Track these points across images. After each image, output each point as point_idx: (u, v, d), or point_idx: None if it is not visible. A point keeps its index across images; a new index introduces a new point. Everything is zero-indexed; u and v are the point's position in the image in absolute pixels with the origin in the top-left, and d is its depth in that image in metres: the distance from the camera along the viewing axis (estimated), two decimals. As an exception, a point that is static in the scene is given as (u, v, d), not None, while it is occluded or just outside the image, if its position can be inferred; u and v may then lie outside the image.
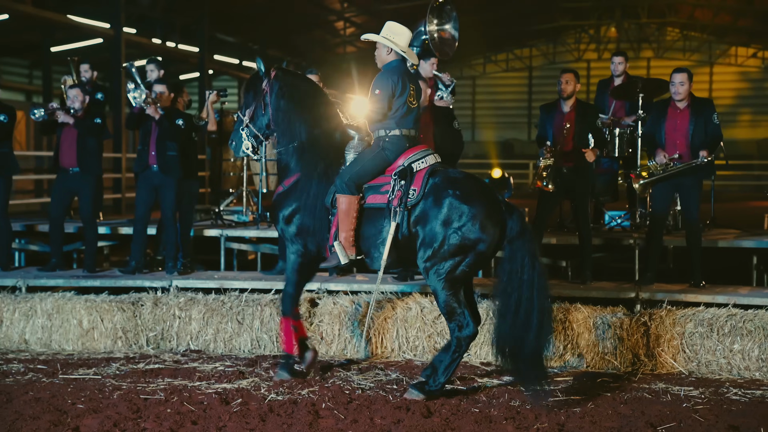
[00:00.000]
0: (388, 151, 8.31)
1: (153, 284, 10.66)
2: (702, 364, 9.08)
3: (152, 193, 11.18)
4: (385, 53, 8.42)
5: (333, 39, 36.12)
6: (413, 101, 8.39)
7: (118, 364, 9.27)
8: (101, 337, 10.08)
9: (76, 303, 10.17)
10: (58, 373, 8.90)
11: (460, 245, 7.93)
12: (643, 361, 9.21)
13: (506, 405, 7.82)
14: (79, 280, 10.94)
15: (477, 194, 8.04)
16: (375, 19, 34.60)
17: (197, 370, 9.03)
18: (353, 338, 9.72)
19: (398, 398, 7.97)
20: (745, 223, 13.68)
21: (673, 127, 10.26)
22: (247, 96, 8.84)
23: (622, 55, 12.85)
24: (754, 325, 8.98)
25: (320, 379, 8.65)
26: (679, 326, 9.14)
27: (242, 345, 9.90)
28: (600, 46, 44.88)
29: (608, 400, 8.03)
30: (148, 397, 7.98)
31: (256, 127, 8.76)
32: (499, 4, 34.14)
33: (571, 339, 9.34)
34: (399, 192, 8.12)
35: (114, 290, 10.72)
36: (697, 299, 9.69)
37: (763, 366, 8.93)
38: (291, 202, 8.59)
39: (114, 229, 12.36)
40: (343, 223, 8.26)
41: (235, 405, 7.74)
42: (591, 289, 10.17)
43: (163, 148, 11.04)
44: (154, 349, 10.04)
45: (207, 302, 10.06)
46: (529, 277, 7.85)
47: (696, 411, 7.67)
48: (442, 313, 8.18)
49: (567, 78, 10.59)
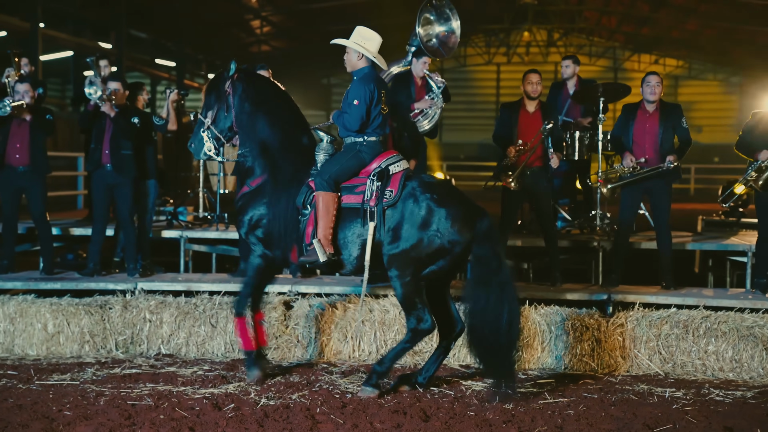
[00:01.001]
0: (365, 154, 8.36)
1: (117, 287, 10.40)
2: (677, 365, 9.25)
3: (107, 192, 10.88)
4: (355, 58, 8.43)
5: (248, 38, 35.83)
6: (385, 108, 8.46)
7: (93, 369, 9.01)
8: (67, 341, 9.79)
9: (40, 306, 9.85)
10: (33, 378, 8.62)
11: (439, 248, 8.04)
12: (620, 363, 9.34)
13: (500, 408, 7.83)
14: (38, 283, 10.58)
15: (452, 198, 8.18)
16: (292, 19, 34.54)
17: (177, 374, 8.85)
18: (330, 341, 9.63)
19: (392, 402, 7.93)
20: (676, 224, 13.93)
21: (642, 130, 10.40)
22: (209, 98, 8.72)
23: (571, 58, 12.97)
24: (728, 327, 9.19)
25: (306, 383, 8.56)
26: (655, 328, 9.30)
27: (215, 349, 9.72)
28: (510, 50, 45.39)
29: (597, 402, 8.10)
30: (136, 402, 7.79)
31: (217, 129, 8.65)
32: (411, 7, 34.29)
33: (550, 341, 9.41)
34: (376, 193, 8.14)
35: (75, 293, 10.42)
36: (668, 301, 9.85)
37: (736, 367, 9.14)
38: (258, 204, 8.52)
39: (64, 230, 12.00)
40: (322, 221, 8.23)
41: (229, 410, 7.61)
42: (563, 291, 10.25)
43: (117, 146, 10.74)
44: (123, 353, 9.79)
45: (179, 305, 9.85)
46: (497, 279, 7.96)
47: (686, 412, 7.78)
48: (401, 305, 8.26)
49: (536, 78, 10.68)
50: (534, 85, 10.66)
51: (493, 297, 7.92)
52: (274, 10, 32.26)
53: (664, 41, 42.33)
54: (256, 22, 33.58)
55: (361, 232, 8.23)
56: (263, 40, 35.85)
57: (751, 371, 9.09)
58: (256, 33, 34.81)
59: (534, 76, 10.72)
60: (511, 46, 45.22)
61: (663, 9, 36.31)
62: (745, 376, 9.07)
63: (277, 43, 37.21)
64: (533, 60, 46.20)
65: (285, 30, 35.85)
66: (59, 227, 11.89)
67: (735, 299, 9.84)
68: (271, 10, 32.09)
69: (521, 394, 8.31)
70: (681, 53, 44.69)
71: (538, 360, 9.43)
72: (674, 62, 46.02)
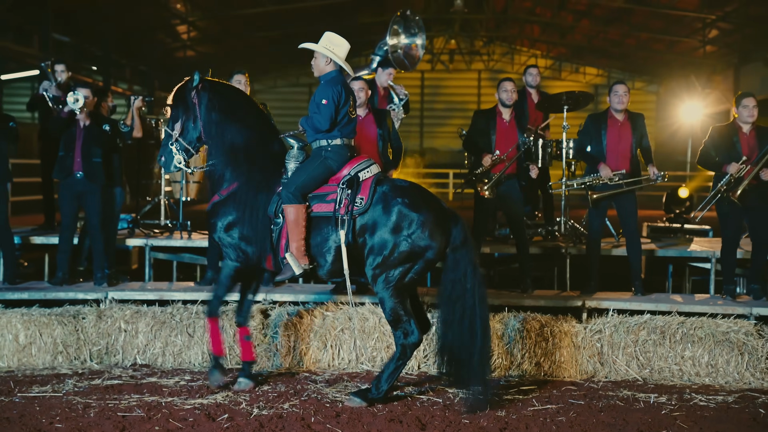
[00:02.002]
0: (332, 161, 8.34)
1: (87, 296, 10.20)
2: (655, 371, 9.37)
3: (76, 200, 10.66)
4: (323, 63, 8.43)
5: (174, 43, 35.42)
6: (353, 111, 8.49)
7: (72, 380, 8.84)
8: (40, 352, 9.57)
9: (11, 317, 9.61)
10: (13, 390, 8.42)
11: (410, 252, 8.02)
12: (598, 369, 9.45)
13: (493, 416, 7.87)
14: (4, 293, 10.31)
15: (425, 202, 8.17)
16: (219, 24, 34.24)
17: (160, 385, 8.72)
18: (309, 350, 9.57)
19: (384, 411, 7.92)
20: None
21: (616, 140, 10.48)
22: (176, 110, 8.61)
23: (537, 67, 13.11)
24: (704, 332, 9.35)
25: (294, 392, 8.51)
26: (633, 334, 9.42)
27: (193, 358, 9.59)
28: (433, 58, 45.61)
29: (585, 409, 8.19)
30: (127, 414, 7.68)
31: (186, 141, 8.56)
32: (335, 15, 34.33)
33: (529, 348, 9.46)
34: (346, 201, 8.14)
35: (43, 303, 10.20)
36: (641, 307, 9.99)
37: (712, 371, 9.30)
38: (230, 211, 8.45)
39: (24, 239, 11.72)
40: (292, 234, 8.20)
41: (223, 421, 7.55)
42: (537, 298, 10.33)
43: (89, 154, 10.55)
44: (98, 364, 9.60)
45: (155, 314, 9.70)
46: (471, 286, 8.02)
47: (675, 418, 7.90)
48: (387, 321, 8.22)
49: (511, 86, 10.75)
50: (509, 92, 10.72)
51: (468, 304, 7.97)
52: (201, 16, 31.96)
53: (585, 50, 42.92)
54: (182, 27, 33.21)
55: (335, 239, 8.20)
56: (189, 45, 35.49)
57: (727, 376, 9.25)
58: (182, 38, 34.43)
59: (509, 84, 10.78)
60: (435, 53, 45.41)
61: (585, 19, 36.83)
62: (721, 381, 9.23)
63: (202, 49, 36.81)
64: (457, 68, 46.58)
65: (211, 35, 35.51)
66: (19, 236, 11.60)
67: (706, 305, 10.01)
68: (198, 15, 31.78)
69: (508, 401, 8.38)
70: (601, 62, 45.34)
71: (519, 366, 9.47)
72: (594, 71, 46.70)
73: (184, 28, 33.85)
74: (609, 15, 35.07)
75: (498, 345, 9.44)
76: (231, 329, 9.52)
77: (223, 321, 9.32)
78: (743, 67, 35.38)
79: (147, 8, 30.42)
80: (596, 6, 33.83)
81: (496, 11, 38.15)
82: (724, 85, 37.08)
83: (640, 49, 39.22)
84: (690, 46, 36.58)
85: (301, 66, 43.82)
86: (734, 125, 10.43)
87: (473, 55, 46.27)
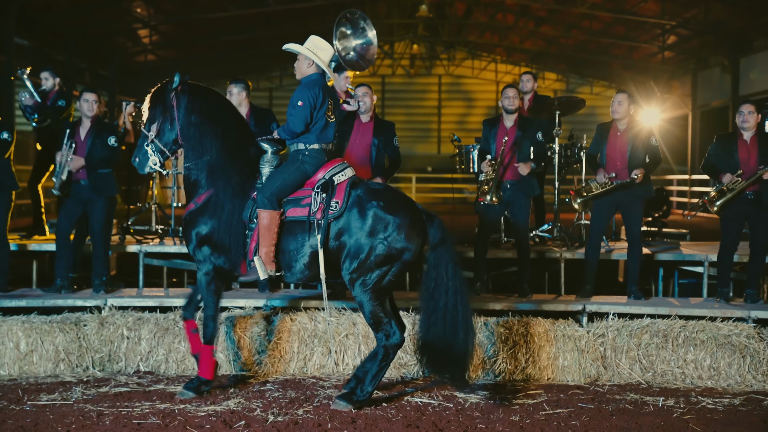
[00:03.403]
0: (308, 165, 8.35)
1: (87, 303, 10.09)
2: (658, 374, 9.45)
3: (79, 208, 10.54)
4: (305, 66, 8.47)
5: (134, 47, 35.10)
6: (331, 115, 8.49)
7: (80, 388, 8.74)
8: (41, 360, 9.47)
9: (11, 324, 9.51)
10: (23, 399, 8.33)
11: (386, 255, 8.08)
12: (602, 372, 9.52)
13: (508, 420, 7.89)
14: (2, 300, 10.19)
15: (400, 204, 8.23)
16: (180, 29, 34.00)
17: (169, 392, 8.65)
18: (313, 355, 9.55)
19: (398, 416, 7.91)
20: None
21: (614, 147, 10.60)
22: (153, 111, 8.50)
23: (531, 74, 13.19)
24: (706, 336, 9.44)
25: (305, 398, 8.48)
26: (635, 338, 9.49)
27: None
28: (394, 62, 45.69)
29: (596, 413, 8.23)
30: (142, 422, 7.61)
31: (162, 143, 8.47)
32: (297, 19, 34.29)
33: (533, 352, 9.51)
34: (321, 205, 8.15)
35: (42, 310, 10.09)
36: (641, 311, 10.07)
37: (714, 375, 9.39)
38: (205, 220, 8.40)
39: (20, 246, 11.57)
40: (263, 239, 8.20)
41: (240, 428, 7.51)
42: (538, 302, 10.36)
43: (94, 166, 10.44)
44: (101, 371, 9.52)
45: (157, 321, 9.63)
46: (453, 283, 8.09)
47: (687, 421, 7.96)
48: (368, 324, 8.25)
49: (513, 93, 10.81)
50: (511, 99, 10.78)
51: (450, 301, 8.04)
52: (163, 19, 31.70)
53: (545, 56, 43.20)
54: (143, 31, 32.93)
55: (310, 245, 8.22)
56: (150, 49, 35.19)
57: (729, 379, 9.35)
58: (143, 42, 34.13)
59: (511, 90, 10.85)
60: (396, 58, 45.48)
61: (545, 25, 37.09)
62: (723, 384, 9.32)
63: (163, 53, 36.51)
64: (417, 72, 46.69)
65: (173, 40, 35.24)
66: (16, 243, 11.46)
67: (705, 308, 10.09)
68: (160, 19, 31.53)
69: (518, 405, 8.41)
70: (560, 67, 45.67)
71: (523, 371, 9.51)
72: (554, 76, 47.01)
73: (146, 32, 33.57)
74: (570, 21, 35.34)
75: (502, 349, 9.48)
76: (235, 335, 9.49)
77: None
78: (701, 73, 35.86)
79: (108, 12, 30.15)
80: (557, 12, 34.07)
81: (458, 16, 38.30)
82: (681, 90, 37.58)
83: (599, 54, 39.54)
84: (648, 51, 36.97)
85: (262, 71, 43.82)
86: (735, 133, 10.55)
87: (434, 60, 46.42)
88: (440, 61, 46.49)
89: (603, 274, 11.88)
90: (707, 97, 35.13)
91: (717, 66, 33.87)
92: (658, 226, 15.17)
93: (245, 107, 10.55)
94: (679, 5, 30.25)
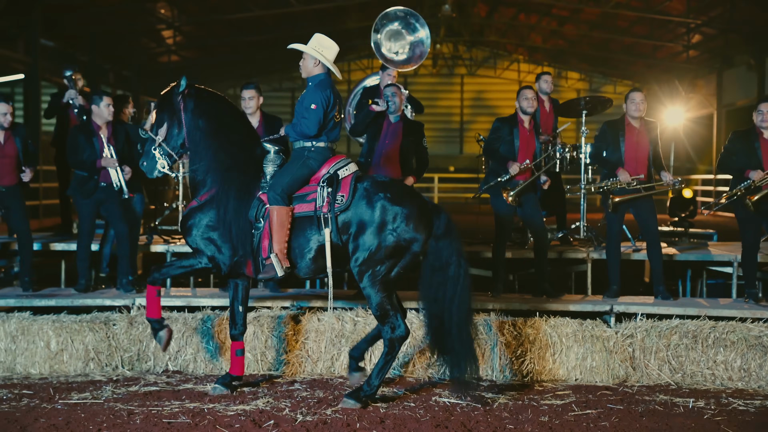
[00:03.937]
0: (313, 160, 8.39)
1: (115, 303, 10.14)
2: (687, 375, 9.41)
3: (95, 206, 10.57)
4: (312, 65, 8.46)
5: (158, 48, 35.18)
6: (338, 115, 8.53)
7: (110, 387, 8.80)
8: (71, 359, 9.54)
9: (42, 324, 9.58)
10: (54, 398, 8.39)
11: (395, 246, 8.12)
12: (630, 373, 9.48)
13: (537, 421, 7.87)
14: (32, 300, 10.26)
15: (407, 196, 8.28)
16: (204, 29, 34.09)
17: (198, 392, 8.69)
18: (341, 355, 9.56)
19: (427, 416, 7.91)
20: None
21: (634, 146, 10.52)
22: (161, 115, 8.56)
23: (550, 74, 13.16)
24: (736, 337, 9.38)
25: (333, 398, 8.49)
26: (665, 338, 9.45)
27: (224, 365, 9.52)
28: (417, 62, 45.61)
29: (626, 414, 8.19)
30: (172, 421, 7.64)
31: (170, 146, 8.51)
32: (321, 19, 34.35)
33: (561, 353, 9.49)
34: (327, 199, 8.20)
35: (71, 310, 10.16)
36: (669, 311, 10.01)
37: (744, 376, 9.34)
38: (206, 216, 8.43)
39: (45, 245, 11.63)
40: (277, 235, 8.23)
41: (270, 427, 7.53)
42: (565, 303, 10.33)
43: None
44: (130, 370, 9.58)
45: (186, 321, 9.66)
46: (455, 274, 8.15)
47: (718, 423, 7.91)
48: (374, 316, 8.29)
49: (531, 94, 10.80)
50: (530, 100, 10.75)
51: (450, 292, 8.11)
52: (186, 20, 31.78)
53: (567, 55, 43.05)
54: (167, 32, 33.01)
55: (317, 239, 8.26)
56: (173, 50, 35.25)
57: (760, 380, 9.29)
58: (166, 43, 34.20)
59: (529, 91, 10.83)
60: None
61: (568, 24, 36.94)
62: (754, 385, 9.27)
63: (186, 53, 36.56)
64: (440, 72, 46.69)
65: (196, 40, 35.30)
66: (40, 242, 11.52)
67: (734, 309, 10.04)
68: (183, 20, 31.61)
69: (547, 405, 8.39)
70: (583, 66, 45.53)
71: (550, 371, 9.50)
72: (576, 75, 46.90)
73: (170, 33, 33.66)
74: (593, 20, 35.20)
75: (530, 350, 9.46)
76: (263, 335, 9.53)
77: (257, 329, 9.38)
78: (726, 72, 35.61)
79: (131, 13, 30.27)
80: (580, 11, 33.93)
81: (481, 16, 38.23)
82: (706, 89, 37.35)
83: (623, 53, 39.36)
84: (673, 50, 36.74)
85: (284, 71, 43.89)
86: (755, 130, 10.45)
87: (456, 60, 46.38)
88: (462, 61, 46.46)
89: (628, 275, 11.84)
90: (732, 97, 34.89)
91: (743, 65, 33.62)
92: (684, 227, 15.10)
93: (257, 113, 10.51)
94: (705, 4, 30.07)
